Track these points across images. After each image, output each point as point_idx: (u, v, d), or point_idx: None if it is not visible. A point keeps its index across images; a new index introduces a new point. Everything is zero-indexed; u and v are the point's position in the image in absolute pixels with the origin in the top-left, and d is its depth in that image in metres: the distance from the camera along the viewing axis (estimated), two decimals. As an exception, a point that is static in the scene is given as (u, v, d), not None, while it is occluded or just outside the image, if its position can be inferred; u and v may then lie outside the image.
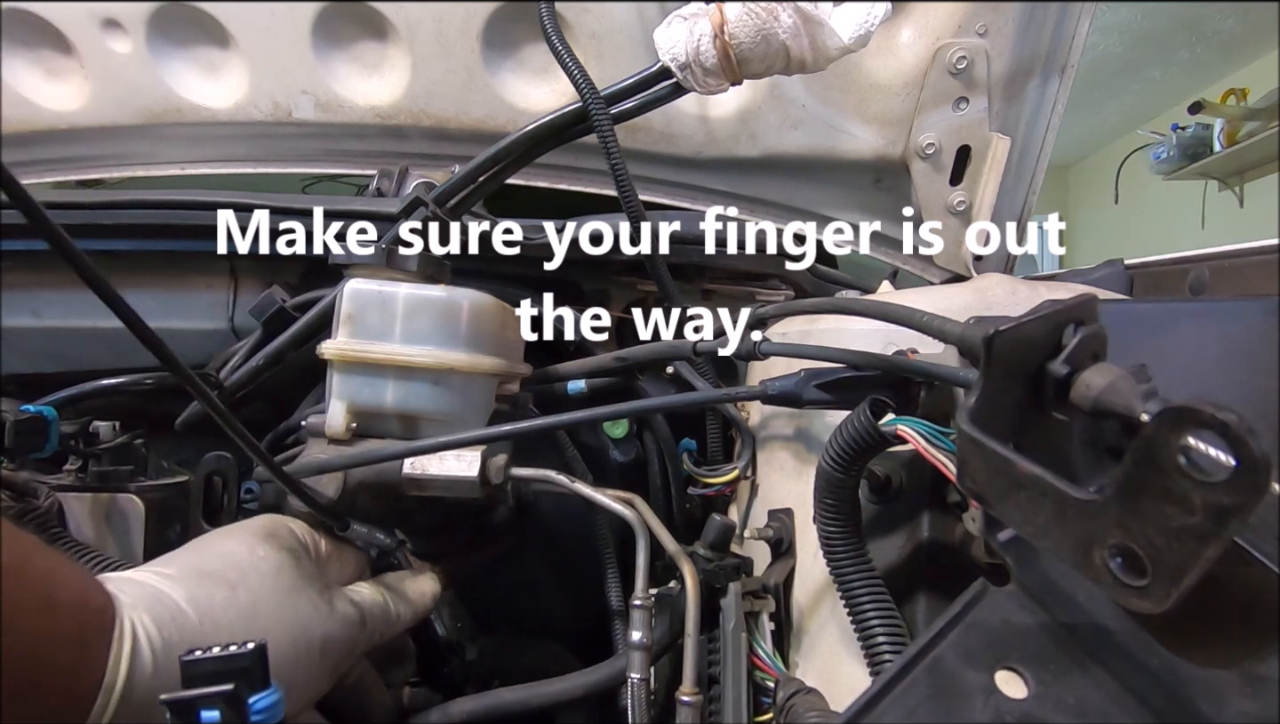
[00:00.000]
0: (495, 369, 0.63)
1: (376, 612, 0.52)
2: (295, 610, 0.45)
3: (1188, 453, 0.24)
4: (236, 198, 0.78)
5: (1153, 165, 4.07)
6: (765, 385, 0.55)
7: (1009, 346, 0.32)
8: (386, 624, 0.53)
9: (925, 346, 0.50)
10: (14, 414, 0.61)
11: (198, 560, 0.45)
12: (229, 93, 0.92)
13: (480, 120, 0.91)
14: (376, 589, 0.54)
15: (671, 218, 0.82)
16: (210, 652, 0.35)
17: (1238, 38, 3.70)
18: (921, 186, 0.88)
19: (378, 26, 0.87)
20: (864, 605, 0.45)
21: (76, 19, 0.88)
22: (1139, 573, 0.26)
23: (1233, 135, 3.61)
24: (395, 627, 0.54)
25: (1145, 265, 0.73)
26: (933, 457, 0.41)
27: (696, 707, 0.48)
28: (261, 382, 0.75)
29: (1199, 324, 0.48)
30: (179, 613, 0.39)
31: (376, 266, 0.62)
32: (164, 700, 0.33)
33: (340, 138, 0.95)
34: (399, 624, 0.55)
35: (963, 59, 0.82)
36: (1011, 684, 0.35)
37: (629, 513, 0.54)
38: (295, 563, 0.48)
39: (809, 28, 0.61)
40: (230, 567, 0.45)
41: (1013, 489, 0.30)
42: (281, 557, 0.47)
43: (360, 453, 0.56)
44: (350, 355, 0.58)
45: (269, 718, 0.35)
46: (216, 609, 0.41)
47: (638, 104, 0.68)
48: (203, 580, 0.42)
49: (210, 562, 0.45)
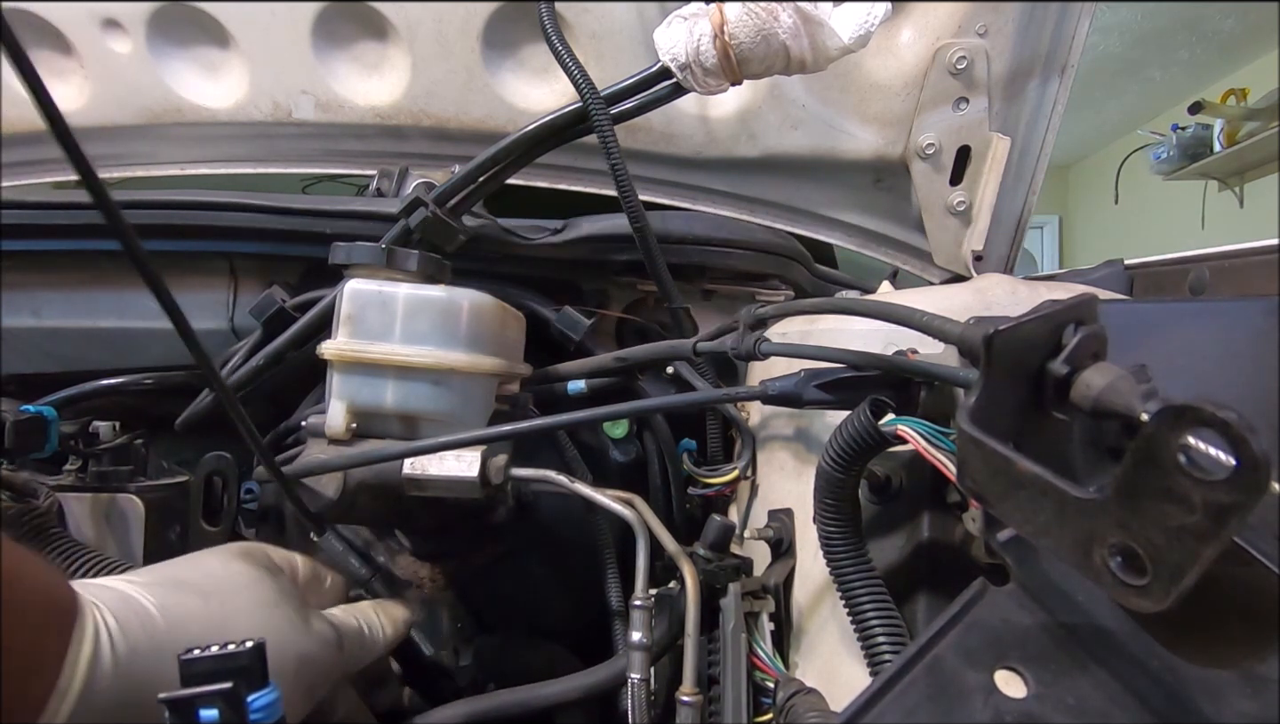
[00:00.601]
0: (495, 369, 0.63)
1: (353, 635, 0.52)
2: (269, 625, 0.44)
3: (1187, 452, 0.24)
4: (236, 198, 0.78)
5: (1153, 165, 4.07)
6: (765, 385, 0.55)
7: (1009, 346, 0.32)
8: (363, 649, 0.53)
9: (925, 347, 0.50)
10: (14, 414, 0.62)
11: (171, 571, 0.44)
12: (229, 93, 0.92)
13: (480, 120, 0.91)
14: (351, 614, 0.54)
15: (671, 218, 0.82)
16: (209, 650, 0.35)
17: (1238, 38, 3.70)
18: (921, 187, 0.88)
19: (378, 26, 0.87)
20: (864, 605, 0.45)
21: (76, 19, 0.88)
22: (1139, 572, 0.26)
23: (1233, 135, 3.61)
24: (371, 652, 0.54)
25: (1145, 265, 0.73)
26: (933, 457, 0.41)
27: (697, 707, 0.48)
28: (261, 381, 0.75)
29: (1199, 324, 0.48)
30: (147, 618, 0.39)
31: (376, 266, 0.62)
32: (163, 699, 0.33)
33: (340, 138, 0.95)
34: (374, 649, 0.54)
35: (963, 59, 0.82)
36: (1011, 684, 0.35)
37: (629, 513, 0.54)
38: (272, 579, 0.47)
39: (809, 28, 0.61)
40: (204, 578, 0.44)
41: (1013, 489, 0.30)
42: (258, 573, 0.47)
43: (360, 453, 0.57)
44: (350, 355, 0.58)
45: (268, 716, 0.35)
46: (188, 617, 0.41)
47: (638, 104, 0.68)
48: (176, 589, 0.42)
49: (184, 573, 0.44)
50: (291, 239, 0.78)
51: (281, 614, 0.46)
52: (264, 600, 0.45)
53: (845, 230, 0.96)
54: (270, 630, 0.43)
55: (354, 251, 0.62)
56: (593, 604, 0.72)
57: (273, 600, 0.46)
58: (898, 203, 0.93)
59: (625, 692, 0.49)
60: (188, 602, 0.41)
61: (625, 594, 0.69)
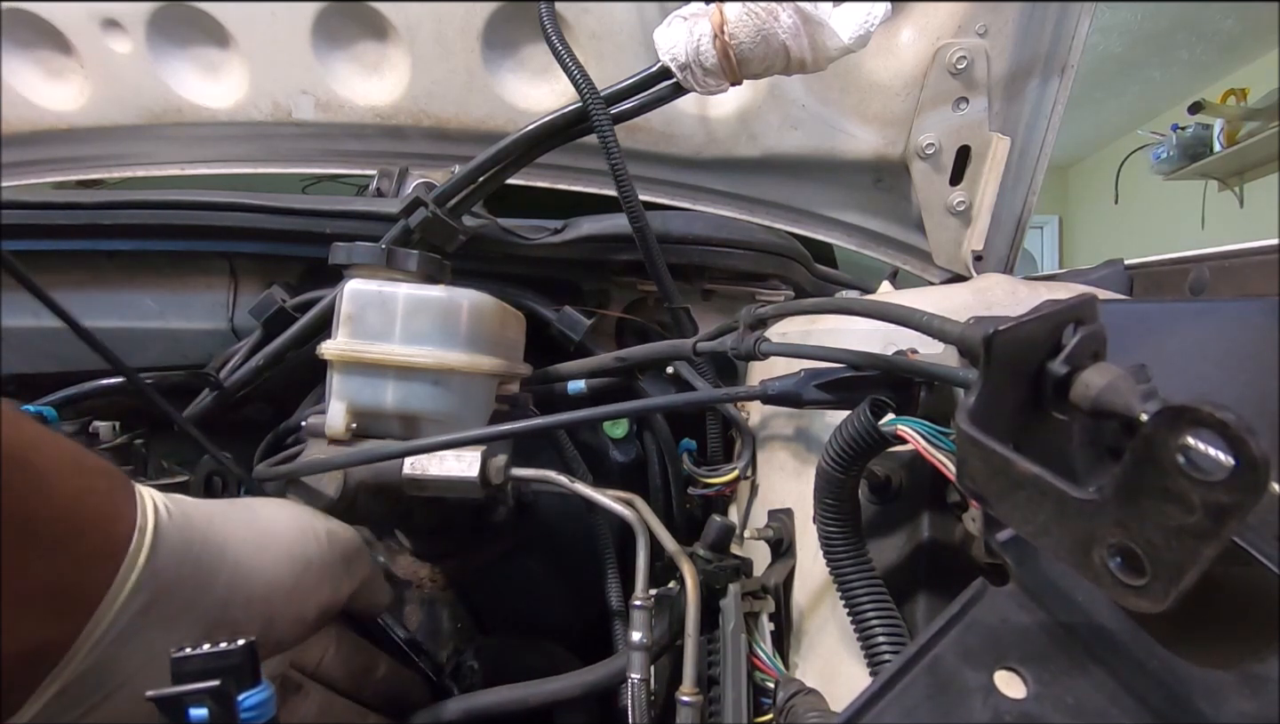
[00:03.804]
0: (495, 369, 0.63)
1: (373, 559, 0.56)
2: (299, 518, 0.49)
3: (1187, 452, 0.24)
4: (236, 198, 0.78)
5: (1153, 165, 4.07)
6: (765, 385, 0.55)
7: (1009, 346, 0.32)
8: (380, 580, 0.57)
9: (925, 346, 0.50)
10: (14, 414, 0.61)
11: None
12: (229, 93, 0.92)
13: (480, 120, 0.91)
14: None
15: (671, 218, 0.82)
16: (200, 648, 0.35)
17: (1238, 38, 3.70)
18: (921, 187, 0.88)
19: (378, 26, 0.87)
20: (864, 605, 0.45)
21: (76, 19, 0.88)
22: (1138, 572, 0.26)
23: (1233, 135, 3.61)
24: (383, 590, 0.57)
25: (1145, 265, 0.73)
26: (933, 457, 0.40)
27: (697, 707, 0.48)
28: (261, 382, 0.75)
29: (1199, 324, 0.48)
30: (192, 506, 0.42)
31: (376, 266, 0.62)
32: (150, 697, 0.33)
33: (340, 138, 0.95)
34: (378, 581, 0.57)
35: (963, 59, 0.82)
36: (1011, 684, 0.35)
37: (629, 513, 0.54)
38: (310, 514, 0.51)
39: (809, 28, 0.61)
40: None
41: (1012, 489, 0.30)
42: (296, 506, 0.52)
43: (360, 453, 0.56)
44: (350, 356, 0.58)
45: (259, 715, 0.34)
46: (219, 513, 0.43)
47: (638, 104, 0.68)
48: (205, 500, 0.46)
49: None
50: (291, 239, 0.78)
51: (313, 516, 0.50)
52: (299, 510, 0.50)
53: (845, 230, 0.96)
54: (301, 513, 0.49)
55: (354, 251, 0.62)
56: (593, 604, 0.72)
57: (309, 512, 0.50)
58: (898, 203, 0.93)
59: (625, 691, 0.49)
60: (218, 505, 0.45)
61: (625, 594, 0.69)
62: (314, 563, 0.46)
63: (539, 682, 0.56)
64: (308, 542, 0.47)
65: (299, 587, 0.45)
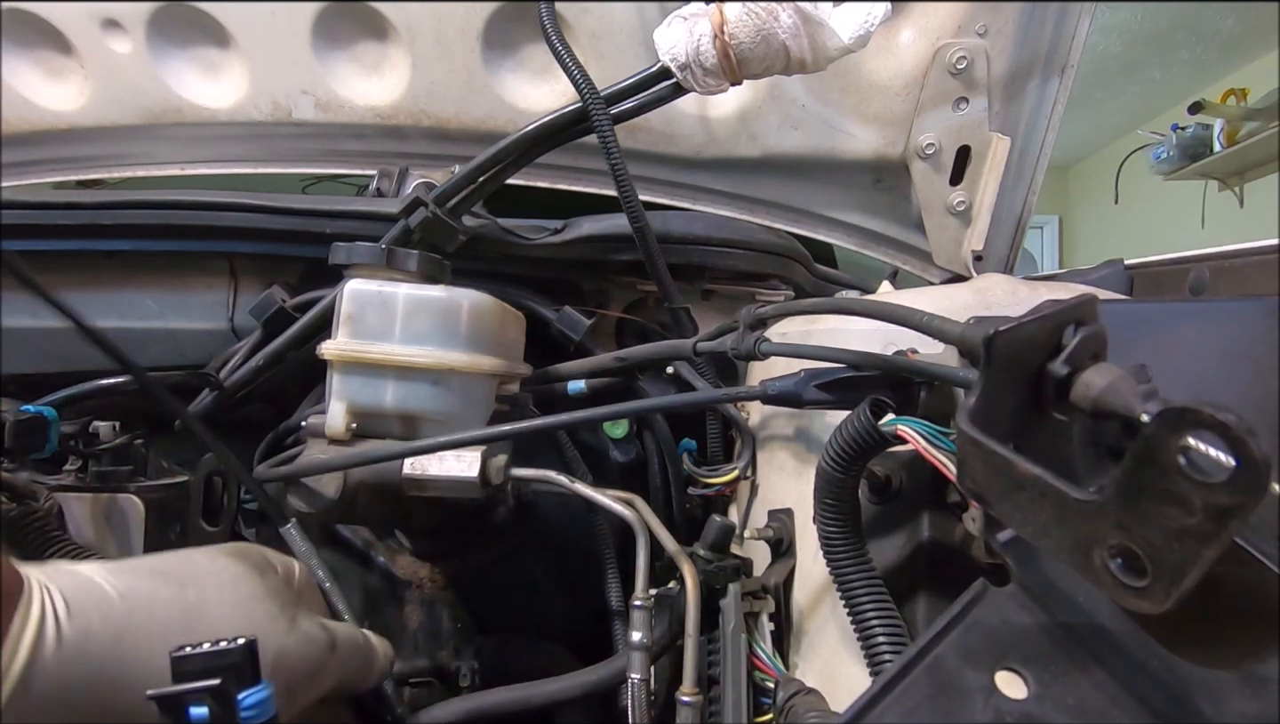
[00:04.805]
0: (495, 369, 0.63)
1: (351, 644, 0.49)
2: (247, 617, 0.43)
3: (1187, 453, 0.24)
4: (236, 198, 0.78)
5: (1153, 165, 4.07)
6: (765, 385, 0.55)
7: (1009, 346, 0.32)
8: (365, 663, 0.50)
9: (925, 347, 0.50)
10: (14, 414, 0.61)
11: (152, 562, 0.44)
12: (229, 93, 0.92)
13: (480, 120, 0.91)
14: (354, 627, 0.52)
15: (671, 218, 0.82)
16: (200, 647, 0.34)
17: (1238, 38, 3.70)
18: (921, 187, 0.88)
19: (378, 26, 0.87)
20: (864, 605, 0.45)
21: (76, 19, 0.88)
22: (1139, 573, 0.26)
23: (1233, 135, 3.61)
24: (371, 667, 0.51)
25: (1145, 265, 0.73)
26: (933, 457, 0.40)
27: (697, 707, 0.48)
28: (261, 382, 0.75)
29: (1199, 324, 0.48)
30: (104, 600, 0.38)
31: (376, 266, 0.62)
32: (151, 696, 0.33)
33: (340, 138, 0.95)
34: (375, 665, 0.51)
35: (963, 59, 0.82)
36: (1011, 684, 0.35)
37: (629, 513, 0.54)
38: (259, 576, 0.46)
39: (809, 28, 0.61)
40: (185, 568, 0.43)
41: (1012, 489, 0.30)
42: (244, 568, 0.45)
43: (360, 453, 0.56)
44: (350, 356, 0.58)
45: (259, 714, 0.34)
46: (157, 603, 0.40)
47: (638, 104, 0.68)
48: (149, 576, 0.41)
49: (166, 563, 0.43)
50: (291, 239, 0.78)
51: (262, 609, 0.44)
52: (245, 594, 0.44)
53: (845, 230, 0.96)
54: (247, 623, 0.42)
55: (354, 251, 0.62)
56: (593, 604, 0.72)
57: (255, 595, 0.44)
58: (898, 203, 0.93)
59: (625, 691, 0.49)
60: (159, 589, 0.40)
61: (625, 594, 0.69)
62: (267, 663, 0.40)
63: (539, 682, 0.56)
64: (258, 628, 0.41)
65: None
